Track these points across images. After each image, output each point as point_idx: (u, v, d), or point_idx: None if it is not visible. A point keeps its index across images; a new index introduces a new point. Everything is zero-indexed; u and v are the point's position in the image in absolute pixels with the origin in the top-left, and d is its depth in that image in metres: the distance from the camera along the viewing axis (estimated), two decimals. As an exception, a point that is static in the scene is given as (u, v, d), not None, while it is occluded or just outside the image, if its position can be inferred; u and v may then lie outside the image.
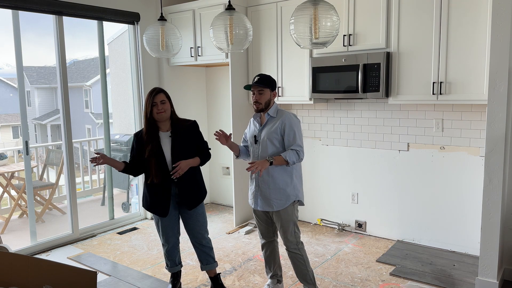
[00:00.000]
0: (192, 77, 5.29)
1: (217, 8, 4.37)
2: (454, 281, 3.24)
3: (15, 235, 4.79)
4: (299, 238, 2.90)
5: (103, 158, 2.79)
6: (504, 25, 2.78)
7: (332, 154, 4.43)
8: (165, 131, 2.92)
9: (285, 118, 2.82)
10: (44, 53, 22.43)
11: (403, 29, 3.56)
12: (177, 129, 2.92)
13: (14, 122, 18.93)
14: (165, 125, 2.92)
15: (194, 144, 2.97)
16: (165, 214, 2.93)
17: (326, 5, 2.30)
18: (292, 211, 2.85)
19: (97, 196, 6.33)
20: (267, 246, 3.04)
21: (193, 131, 2.98)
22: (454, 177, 3.73)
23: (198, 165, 2.97)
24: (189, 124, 2.99)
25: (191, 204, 2.95)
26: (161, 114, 2.84)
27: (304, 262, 2.89)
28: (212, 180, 5.60)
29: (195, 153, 2.96)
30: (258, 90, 2.81)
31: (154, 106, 2.83)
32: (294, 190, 2.85)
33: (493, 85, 2.87)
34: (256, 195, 2.89)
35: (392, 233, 4.12)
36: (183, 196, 2.92)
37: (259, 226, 3.03)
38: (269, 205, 2.83)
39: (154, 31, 3.23)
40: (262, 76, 2.84)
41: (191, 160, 2.89)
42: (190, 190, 2.94)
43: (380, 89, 3.64)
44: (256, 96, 2.82)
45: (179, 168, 2.80)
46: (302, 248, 2.91)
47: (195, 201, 2.96)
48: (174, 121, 2.94)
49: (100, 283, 3.36)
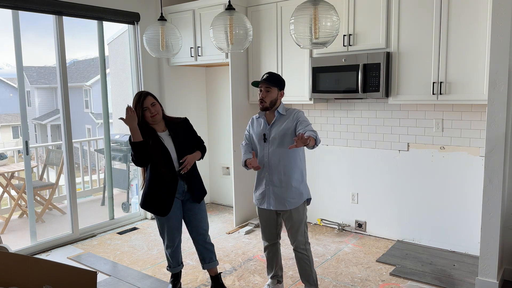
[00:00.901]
0: (192, 77, 5.29)
1: (217, 8, 4.37)
2: (454, 281, 3.24)
3: (15, 235, 4.79)
4: (307, 238, 2.89)
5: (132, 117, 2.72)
6: (504, 25, 2.78)
7: (332, 154, 4.43)
8: (162, 131, 2.94)
9: (296, 113, 2.80)
10: (44, 53, 22.46)
11: (403, 29, 3.56)
12: (173, 127, 2.97)
13: (14, 122, 18.94)
14: (159, 126, 2.95)
15: (191, 139, 3.03)
16: (165, 213, 2.93)
17: (326, 5, 2.30)
18: (303, 210, 2.84)
19: (97, 196, 6.32)
20: (270, 248, 3.02)
21: (187, 127, 3.04)
22: (454, 177, 3.73)
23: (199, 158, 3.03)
24: (182, 121, 3.04)
25: (200, 197, 3.02)
26: (155, 117, 2.87)
27: (309, 263, 2.88)
28: (212, 180, 5.60)
29: (194, 147, 3.02)
30: (265, 87, 2.77)
31: (145, 110, 2.85)
32: (306, 188, 2.86)
33: (493, 85, 2.87)
34: (267, 195, 2.84)
35: (392, 233, 4.12)
36: (193, 189, 2.97)
37: (264, 228, 2.97)
38: (282, 204, 2.79)
39: (154, 31, 3.23)
40: (271, 74, 2.80)
41: (195, 154, 2.97)
42: (197, 183, 3.02)
43: (380, 89, 3.64)
44: (262, 93, 2.78)
45: (187, 163, 2.87)
46: (309, 249, 2.90)
47: (202, 193, 3.04)
48: (167, 120, 2.99)
49: (100, 283, 3.36)
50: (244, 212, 4.70)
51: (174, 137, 2.93)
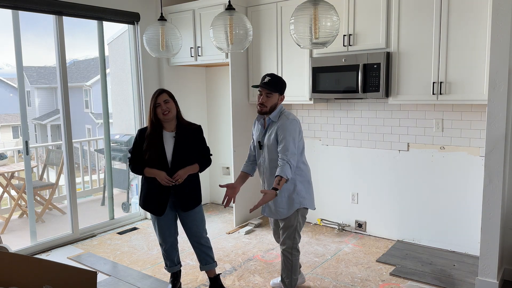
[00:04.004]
0: (192, 77, 5.29)
1: (217, 8, 4.37)
2: (454, 281, 3.24)
3: (15, 235, 4.79)
4: (296, 244, 2.84)
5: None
6: (504, 25, 2.78)
7: (332, 154, 4.43)
8: (170, 131, 2.91)
9: (281, 122, 2.71)
10: (44, 53, 22.46)
11: (403, 29, 3.56)
12: (182, 131, 2.92)
13: (14, 122, 18.93)
14: (170, 125, 2.91)
15: (196, 149, 2.97)
16: (161, 213, 2.93)
17: (326, 5, 2.30)
18: (295, 218, 2.80)
19: (97, 196, 6.33)
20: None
21: (197, 136, 2.98)
22: (454, 177, 3.73)
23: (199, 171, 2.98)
24: (194, 128, 2.98)
25: (185, 207, 2.96)
26: (167, 115, 2.83)
27: (291, 269, 2.84)
28: (212, 180, 5.59)
29: (196, 158, 2.96)
30: (266, 93, 2.72)
31: (158, 106, 2.83)
32: (299, 197, 2.78)
33: (493, 85, 2.87)
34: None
35: (392, 233, 4.12)
36: (178, 198, 2.93)
37: (273, 228, 3.13)
38: (273, 213, 2.84)
39: (154, 31, 3.23)
40: (273, 77, 2.74)
41: (189, 168, 2.90)
42: (186, 193, 2.94)
43: (380, 89, 3.64)
44: (263, 98, 2.73)
45: (179, 177, 2.84)
46: (296, 255, 2.86)
47: (190, 204, 2.96)
48: (179, 122, 2.94)
49: (100, 283, 3.36)
50: (244, 212, 4.69)
51: (176, 141, 2.89)
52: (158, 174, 2.84)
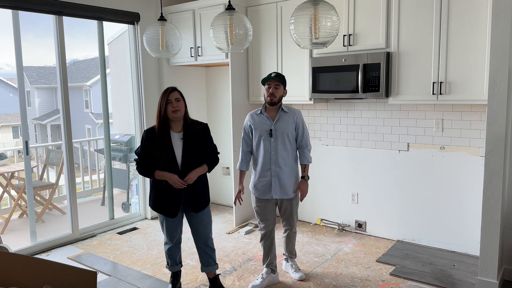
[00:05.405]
0: (192, 77, 5.29)
1: (217, 8, 4.37)
2: (454, 281, 3.24)
3: (15, 235, 4.79)
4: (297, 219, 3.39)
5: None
6: (504, 25, 2.78)
7: (332, 154, 4.43)
8: (177, 132, 2.89)
9: (297, 115, 3.17)
10: (44, 53, 22.43)
11: (403, 29, 3.56)
12: (189, 132, 2.91)
13: (14, 122, 18.92)
14: (177, 126, 2.90)
15: (204, 148, 2.97)
16: (174, 215, 2.93)
17: (326, 5, 2.30)
18: (297, 197, 3.27)
19: (97, 196, 6.32)
20: (267, 235, 3.25)
21: (204, 135, 2.98)
22: (454, 177, 3.73)
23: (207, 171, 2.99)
24: (201, 128, 2.98)
25: (197, 207, 2.96)
26: (176, 113, 2.82)
27: (295, 238, 3.42)
28: (212, 180, 5.59)
29: (204, 157, 2.97)
30: (275, 84, 3.09)
31: (168, 103, 2.81)
32: (298, 180, 3.24)
33: (493, 85, 2.87)
34: (273, 185, 3.14)
35: (392, 233, 4.12)
36: (189, 199, 2.93)
37: (264, 216, 3.22)
38: (286, 193, 3.17)
39: (154, 31, 3.23)
40: (278, 73, 3.15)
41: (199, 169, 2.92)
42: (197, 194, 2.95)
43: (380, 89, 3.64)
44: (272, 89, 3.09)
45: (190, 180, 2.86)
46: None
47: (200, 205, 2.98)
48: (186, 122, 2.93)
49: (100, 283, 3.36)
50: (244, 212, 4.69)
51: (185, 143, 2.88)
52: (170, 177, 2.83)
